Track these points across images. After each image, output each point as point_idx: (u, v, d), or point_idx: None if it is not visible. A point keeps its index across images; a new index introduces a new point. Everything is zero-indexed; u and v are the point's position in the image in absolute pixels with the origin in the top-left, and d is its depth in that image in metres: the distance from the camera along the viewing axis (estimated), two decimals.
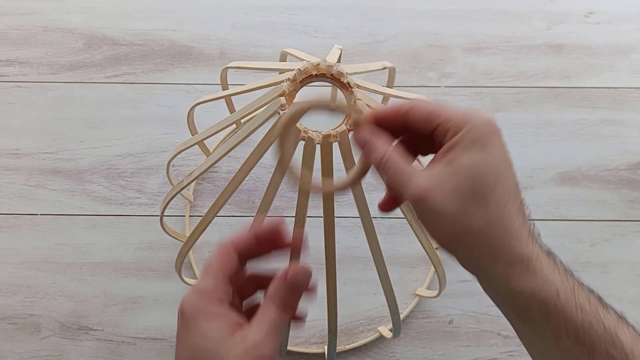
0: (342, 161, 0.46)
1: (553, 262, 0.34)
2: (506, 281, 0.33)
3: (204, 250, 0.73)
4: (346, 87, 0.47)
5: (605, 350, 0.32)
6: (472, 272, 0.35)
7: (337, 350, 0.67)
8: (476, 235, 0.32)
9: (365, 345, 0.70)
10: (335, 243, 0.50)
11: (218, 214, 0.50)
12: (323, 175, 0.46)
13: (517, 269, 0.33)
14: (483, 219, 0.32)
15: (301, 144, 0.44)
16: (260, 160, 0.47)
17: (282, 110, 0.44)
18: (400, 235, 0.74)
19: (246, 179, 0.48)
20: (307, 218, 0.49)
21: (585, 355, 0.33)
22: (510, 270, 0.33)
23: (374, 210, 0.53)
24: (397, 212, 0.55)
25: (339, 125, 0.45)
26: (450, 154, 0.33)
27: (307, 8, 0.84)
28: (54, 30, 0.82)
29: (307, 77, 0.47)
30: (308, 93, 0.39)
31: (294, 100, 0.46)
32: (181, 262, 0.57)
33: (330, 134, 0.44)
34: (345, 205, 0.74)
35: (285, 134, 0.37)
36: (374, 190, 0.75)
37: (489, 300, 0.33)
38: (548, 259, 0.34)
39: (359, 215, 0.49)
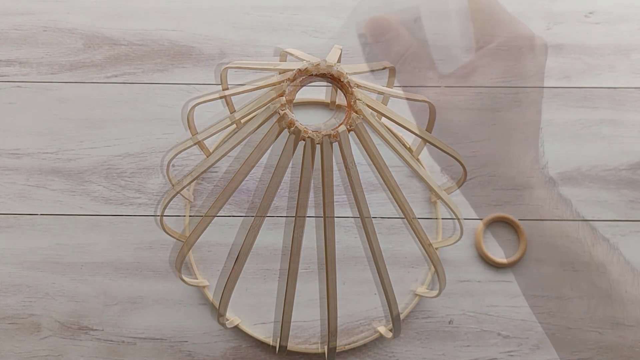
0: (342, 161, 0.46)
1: None
2: None
3: (204, 250, 0.73)
4: (346, 87, 0.47)
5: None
6: None
7: (337, 350, 0.67)
8: None
9: (365, 345, 0.70)
10: (335, 243, 0.50)
11: (218, 214, 0.50)
12: (323, 175, 0.46)
13: None
14: None
15: (301, 144, 0.44)
16: (260, 160, 0.47)
17: (282, 110, 0.44)
18: (400, 235, 0.74)
19: (246, 179, 0.49)
20: (307, 218, 0.49)
21: None
22: None
23: (374, 210, 0.53)
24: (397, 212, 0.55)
25: (339, 125, 0.45)
26: None
27: (307, 8, 0.84)
28: (54, 30, 0.82)
29: (307, 77, 0.47)
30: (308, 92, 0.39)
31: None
32: (181, 263, 0.57)
33: (330, 134, 0.44)
34: (345, 205, 0.74)
35: None
36: (374, 190, 0.76)
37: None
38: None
39: (359, 215, 0.49)
